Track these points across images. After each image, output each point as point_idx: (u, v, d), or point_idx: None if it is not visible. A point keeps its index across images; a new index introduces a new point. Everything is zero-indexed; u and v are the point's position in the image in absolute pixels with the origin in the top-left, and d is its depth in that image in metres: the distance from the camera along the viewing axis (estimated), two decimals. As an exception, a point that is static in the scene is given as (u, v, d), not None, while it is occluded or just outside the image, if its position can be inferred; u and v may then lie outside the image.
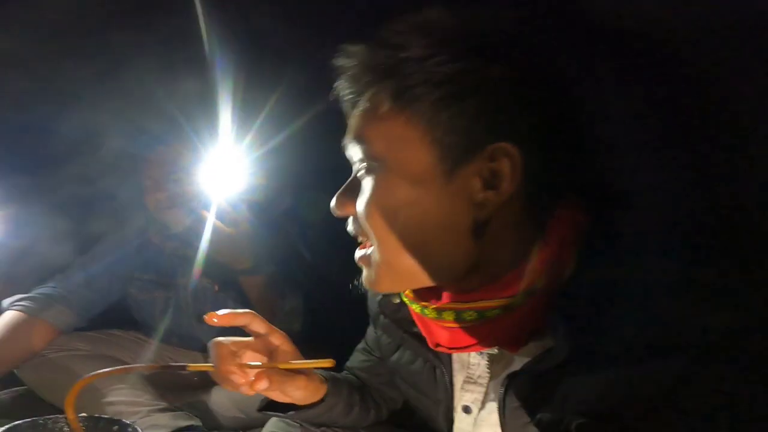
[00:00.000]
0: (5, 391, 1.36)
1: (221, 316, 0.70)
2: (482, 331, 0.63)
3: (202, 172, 1.22)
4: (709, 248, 0.60)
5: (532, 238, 0.62)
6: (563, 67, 0.65)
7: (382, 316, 0.81)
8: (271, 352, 0.73)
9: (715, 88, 0.65)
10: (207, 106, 1.01)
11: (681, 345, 0.54)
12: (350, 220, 0.68)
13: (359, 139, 0.64)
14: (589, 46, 0.69)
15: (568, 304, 0.59)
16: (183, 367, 0.70)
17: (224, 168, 1.20)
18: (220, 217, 1.21)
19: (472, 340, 0.64)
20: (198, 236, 1.21)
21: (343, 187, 0.68)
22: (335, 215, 0.68)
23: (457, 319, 0.63)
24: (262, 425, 0.90)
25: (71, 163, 1.27)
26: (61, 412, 0.70)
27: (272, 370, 0.70)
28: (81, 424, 0.69)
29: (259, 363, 0.71)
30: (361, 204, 0.63)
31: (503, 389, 0.64)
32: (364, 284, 0.68)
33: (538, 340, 0.62)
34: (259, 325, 0.72)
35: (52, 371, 1.21)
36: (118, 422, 0.70)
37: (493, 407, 0.67)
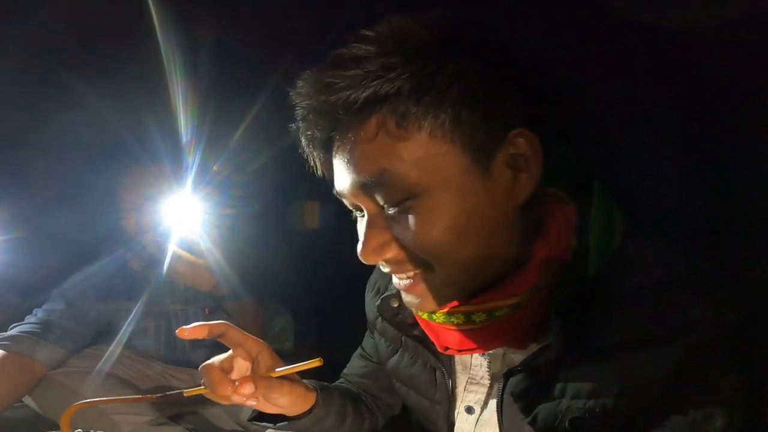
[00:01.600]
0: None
1: (193, 329, 0.68)
2: (491, 331, 0.63)
3: (169, 201, 1.21)
4: (707, 241, 0.61)
5: (533, 232, 0.63)
6: (563, 54, 0.66)
7: (380, 320, 0.81)
8: (253, 360, 0.72)
9: (718, 83, 0.65)
10: (174, 134, 1.02)
11: (678, 337, 0.54)
12: (384, 262, 0.63)
13: (382, 178, 0.58)
14: (592, 38, 0.68)
15: (563, 299, 0.60)
16: (180, 394, 0.70)
17: (190, 197, 1.19)
18: (186, 246, 1.21)
19: (481, 342, 0.64)
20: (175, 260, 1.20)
21: (367, 231, 0.62)
22: (369, 263, 0.62)
23: (467, 321, 0.63)
24: (256, 437, 0.91)
25: (46, 189, 1.26)
26: (57, 427, 0.71)
27: (257, 376, 0.70)
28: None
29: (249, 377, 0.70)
30: (417, 239, 0.59)
31: (502, 387, 0.64)
32: (415, 310, 0.65)
33: (539, 337, 0.63)
34: (234, 335, 0.71)
35: (50, 387, 1.21)
36: (113, 437, 0.71)
37: (494, 406, 0.67)
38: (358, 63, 0.57)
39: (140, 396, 0.72)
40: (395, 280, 0.66)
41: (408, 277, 0.63)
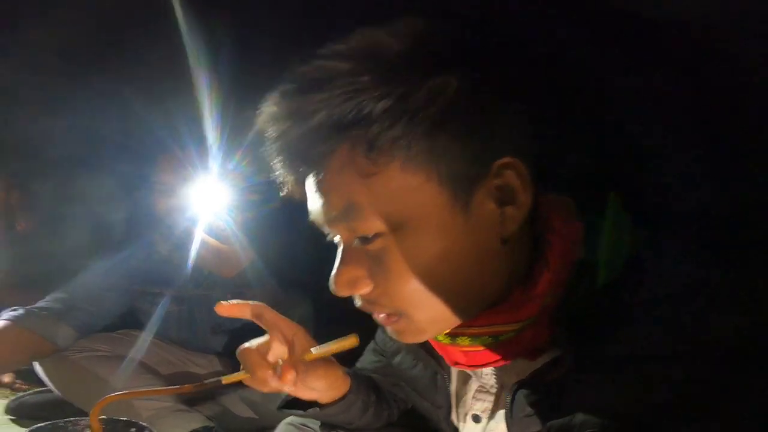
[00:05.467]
0: (31, 392, 1.41)
1: (231, 306, 0.67)
2: (498, 350, 0.62)
3: (197, 187, 1.22)
4: (721, 250, 0.58)
5: (530, 256, 0.60)
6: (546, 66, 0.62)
7: None
8: (289, 343, 0.70)
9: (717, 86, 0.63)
10: (198, 121, 1.02)
11: (692, 350, 0.53)
12: (358, 297, 0.59)
13: (351, 212, 0.54)
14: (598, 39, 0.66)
15: (569, 313, 0.58)
16: (218, 382, 0.68)
17: (216, 184, 1.19)
18: (212, 232, 1.22)
19: (489, 359, 0.63)
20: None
21: (341, 263, 0.58)
22: (340, 295, 0.58)
23: (473, 343, 0.62)
24: (274, 427, 0.90)
25: (80, 175, 1.27)
26: (81, 413, 0.71)
27: (295, 359, 0.68)
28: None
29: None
30: (390, 281, 0.55)
31: (510, 398, 0.63)
32: (402, 340, 0.62)
33: (550, 349, 0.61)
34: (270, 316, 0.70)
35: (73, 372, 1.23)
36: (135, 424, 0.70)
37: (501, 417, 0.66)
38: (324, 84, 0.52)
39: (174, 387, 0.71)
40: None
41: (385, 315, 0.59)
